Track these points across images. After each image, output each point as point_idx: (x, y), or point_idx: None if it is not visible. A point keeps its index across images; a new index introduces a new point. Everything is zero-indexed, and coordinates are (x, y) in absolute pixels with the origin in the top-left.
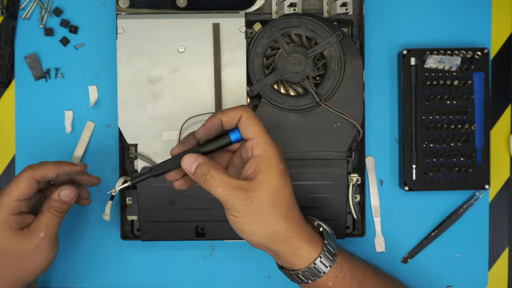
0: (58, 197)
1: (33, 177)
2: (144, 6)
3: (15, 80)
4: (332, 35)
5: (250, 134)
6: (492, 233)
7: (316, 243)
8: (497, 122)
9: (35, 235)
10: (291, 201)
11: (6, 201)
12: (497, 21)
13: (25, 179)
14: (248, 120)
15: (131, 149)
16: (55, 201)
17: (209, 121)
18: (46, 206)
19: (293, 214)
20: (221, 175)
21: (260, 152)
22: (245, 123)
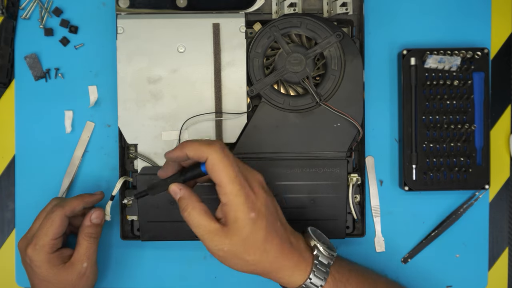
0: (90, 222)
1: (64, 214)
2: (144, 6)
3: (15, 80)
4: (332, 35)
5: (215, 180)
6: (492, 233)
7: (303, 265)
8: (497, 122)
9: (79, 266)
10: (267, 242)
11: (44, 242)
12: (497, 21)
13: (58, 218)
14: (214, 166)
15: (131, 149)
16: (88, 227)
17: (175, 153)
18: (81, 236)
19: (269, 253)
20: (197, 215)
21: (226, 202)
22: (210, 168)
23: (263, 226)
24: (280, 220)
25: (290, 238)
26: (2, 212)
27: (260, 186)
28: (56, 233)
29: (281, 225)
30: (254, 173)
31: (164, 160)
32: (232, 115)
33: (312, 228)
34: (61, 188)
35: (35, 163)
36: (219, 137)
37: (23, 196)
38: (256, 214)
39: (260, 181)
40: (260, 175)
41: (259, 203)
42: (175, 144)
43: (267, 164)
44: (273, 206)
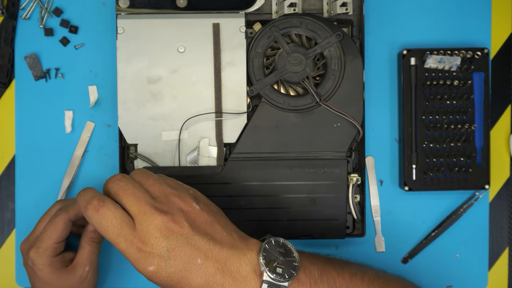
0: (93, 227)
1: (68, 218)
2: (144, 6)
3: (15, 80)
4: (332, 35)
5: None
6: (492, 233)
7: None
8: (497, 122)
9: (81, 269)
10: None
11: (47, 245)
12: (497, 21)
13: (62, 222)
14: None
15: (131, 149)
16: (92, 232)
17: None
18: (84, 240)
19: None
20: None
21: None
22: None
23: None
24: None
25: (228, 262)
26: (2, 212)
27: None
28: (59, 237)
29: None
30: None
31: (164, 160)
32: (232, 115)
33: (270, 242)
34: (61, 188)
35: (35, 163)
36: (219, 137)
37: (23, 196)
38: (155, 266)
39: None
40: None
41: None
42: (175, 144)
43: (267, 164)
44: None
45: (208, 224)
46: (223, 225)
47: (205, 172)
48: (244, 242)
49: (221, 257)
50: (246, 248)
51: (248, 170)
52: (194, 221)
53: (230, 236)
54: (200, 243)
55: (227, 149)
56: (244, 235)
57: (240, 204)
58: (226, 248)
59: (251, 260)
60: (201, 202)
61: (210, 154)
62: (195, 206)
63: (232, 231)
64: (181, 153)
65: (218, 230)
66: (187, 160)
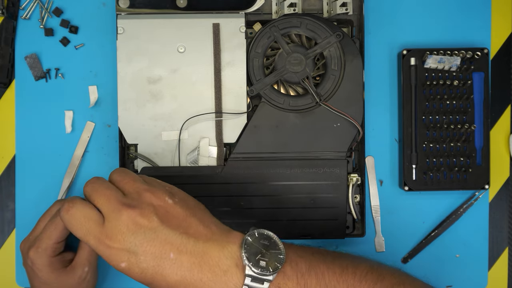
0: None
1: None
2: (144, 6)
3: (15, 80)
4: (332, 35)
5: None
6: (492, 233)
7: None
8: (497, 122)
9: (80, 270)
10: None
11: (46, 245)
12: (497, 21)
13: (62, 223)
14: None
15: (131, 149)
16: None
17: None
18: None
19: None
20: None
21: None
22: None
23: (146, 265)
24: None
25: (205, 256)
26: (2, 212)
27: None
28: (59, 237)
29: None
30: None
31: (164, 160)
32: (232, 115)
33: (253, 235)
34: (61, 188)
35: (35, 163)
36: (219, 137)
37: (23, 196)
38: (126, 262)
39: (150, 202)
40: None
41: (128, 243)
42: (175, 144)
43: (267, 164)
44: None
45: (182, 218)
46: (200, 218)
47: (205, 172)
48: (224, 235)
49: (196, 251)
50: (226, 241)
51: (248, 170)
52: (165, 215)
53: (208, 229)
54: (171, 237)
55: (227, 149)
56: (225, 228)
57: (240, 204)
58: (202, 241)
59: (232, 254)
60: (176, 197)
61: (210, 154)
62: (168, 200)
63: (210, 224)
64: (181, 153)
65: (194, 224)
66: (187, 160)
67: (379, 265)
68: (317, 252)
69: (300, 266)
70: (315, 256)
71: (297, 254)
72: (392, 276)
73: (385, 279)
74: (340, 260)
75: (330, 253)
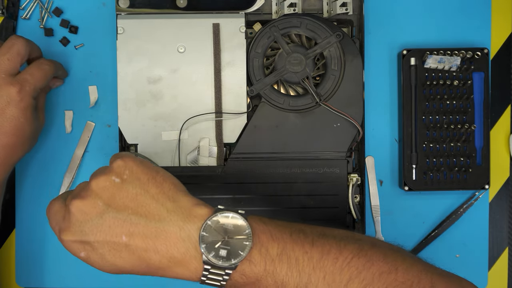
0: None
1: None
2: (144, 6)
3: None
4: (332, 35)
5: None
6: (492, 233)
7: (193, 264)
8: (497, 122)
9: (42, 112)
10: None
11: (34, 87)
12: (497, 21)
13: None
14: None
15: (131, 149)
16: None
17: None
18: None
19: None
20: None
21: None
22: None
23: (102, 251)
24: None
25: (160, 237)
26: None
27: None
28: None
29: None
30: (91, 181)
31: (164, 160)
32: (232, 115)
33: (215, 217)
34: (61, 188)
35: (35, 163)
36: (219, 137)
37: (23, 196)
38: (84, 251)
39: (97, 187)
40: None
41: (80, 233)
42: (175, 144)
43: (267, 164)
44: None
45: (131, 198)
46: (154, 195)
47: (205, 172)
48: (183, 213)
49: (149, 232)
50: (184, 221)
51: (248, 170)
52: (111, 197)
53: (162, 207)
54: (119, 219)
55: (227, 149)
56: (188, 205)
57: (240, 204)
58: (154, 221)
59: (190, 236)
60: (125, 173)
61: (210, 154)
62: (115, 180)
63: (167, 200)
64: (181, 153)
65: (145, 202)
66: (187, 160)
67: (372, 247)
68: (298, 232)
69: (270, 251)
70: (293, 237)
71: (270, 236)
72: (383, 262)
73: (373, 265)
74: (323, 243)
75: (316, 233)
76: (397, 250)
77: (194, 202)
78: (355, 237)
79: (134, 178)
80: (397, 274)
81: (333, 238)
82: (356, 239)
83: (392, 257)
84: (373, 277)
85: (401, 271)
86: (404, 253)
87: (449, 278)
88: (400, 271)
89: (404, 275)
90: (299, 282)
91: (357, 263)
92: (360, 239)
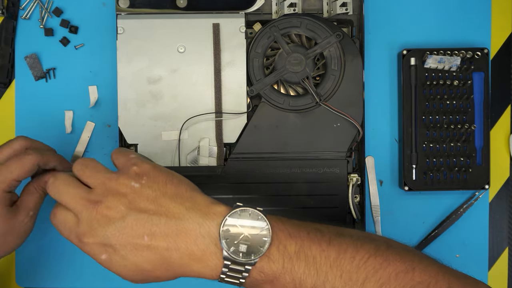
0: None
1: (38, 163)
2: (144, 6)
3: (15, 80)
4: (332, 35)
5: None
6: (492, 233)
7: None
8: (497, 122)
9: (25, 213)
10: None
11: (4, 179)
12: (497, 21)
13: (31, 163)
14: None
15: (131, 149)
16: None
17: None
18: (34, 186)
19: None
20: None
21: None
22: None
23: (124, 252)
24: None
25: (181, 235)
26: None
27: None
28: (20, 176)
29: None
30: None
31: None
32: (232, 115)
33: (235, 213)
34: None
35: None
36: (219, 137)
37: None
38: (106, 254)
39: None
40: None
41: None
42: (175, 144)
43: (267, 164)
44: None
45: (151, 199)
46: (173, 195)
47: (205, 172)
48: (202, 211)
49: (170, 231)
50: (204, 218)
51: (248, 170)
52: (132, 202)
53: (181, 206)
54: (141, 221)
55: (227, 149)
56: (205, 203)
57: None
58: (174, 220)
59: (210, 233)
60: (143, 178)
61: (210, 154)
62: (134, 185)
63: (185, 200)
64: (181, 153)
65: (164, 203)
66: (187, 160)
67: (388, 247)
68: (315, 231)
69: (288, 248)
70: (310, 236)
71: (290, 234)
72: (400, 262)
73: (389, 265)
74: (340, 242)
75: (332, 232)
76: (413, 251)
77: (211, 200)
78: (371, 237)
79: (152, 182)
80: (414, 274)
81: (350, 237)
82: (372, 239)
83: (408, 257)
84: (389, 277)
85: (418, 271)
86: (420, 254)
87: (466, 280)
88: (417, 271)
89: (421, 275)
90: (317, 280)
91: (374, 262)
92: (376, 239)
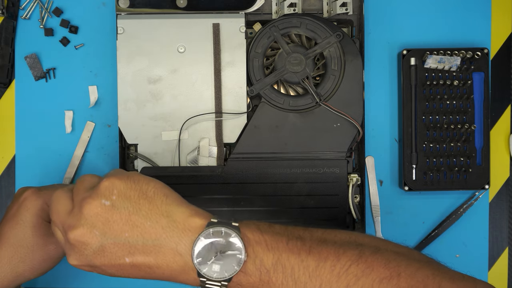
0: None
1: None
2: (144, 6)
3: (15, 80)
4: (332, 35)
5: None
6: (492, 233)
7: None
8: (497, 122)
9: (54, 247)
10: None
11: (43, 207)
12: (497, 21)
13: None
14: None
15: (131, 149)
16: None
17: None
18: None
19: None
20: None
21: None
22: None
23: (111, 272)
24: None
25: (160, 254)
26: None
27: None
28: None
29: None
30: (84, 206)
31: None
32: (232, 115)
33: (208, 234)
34: None
35: (35, 163)
36: (219, 137)
37: None
38: (95, 271)
39: (90, 213)
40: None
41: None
42: (175, 144)
43: (267, 164)
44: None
45: (125, 219)
46: (147, 213)
47: (205, 172)
48: (178, 228)
49: (148, 250)
50: (179, 236)
51: (248, 170)
52: (106, 223)
53: (156, 224)
54: (118, 244)
55: (227, 149)
56: (182, 217)
57: (240, 204)
58: (151, 240)
59: (186, 251)
60: (113, 194)
61: (210, 154)
62: (105, 203)
63: (160, 216)
64: (181, 153)
65: (139, 222)
66: (187, 160)
67: (375, 251)
68: (296, 240)
69: (265, 261)
70: (289, 245)
71: (266, 246)
72: (385, 268)
73: (373, 271)
74: (320, 250)
75: (315, 239)
76: (404, 254)
77: (188, 213)
78: (358, 241)
79: (124, 198)
80: (399, 280)
81: (333, 244)
82: (358, 243)
83: (395, 262)
84: (372, 284)
85: (403, 277)
86: (412, 256)
87: (462, 282)
88: (403, 277)
89: (408, 280)
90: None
91: (355, 270)
92: (363, 244)
